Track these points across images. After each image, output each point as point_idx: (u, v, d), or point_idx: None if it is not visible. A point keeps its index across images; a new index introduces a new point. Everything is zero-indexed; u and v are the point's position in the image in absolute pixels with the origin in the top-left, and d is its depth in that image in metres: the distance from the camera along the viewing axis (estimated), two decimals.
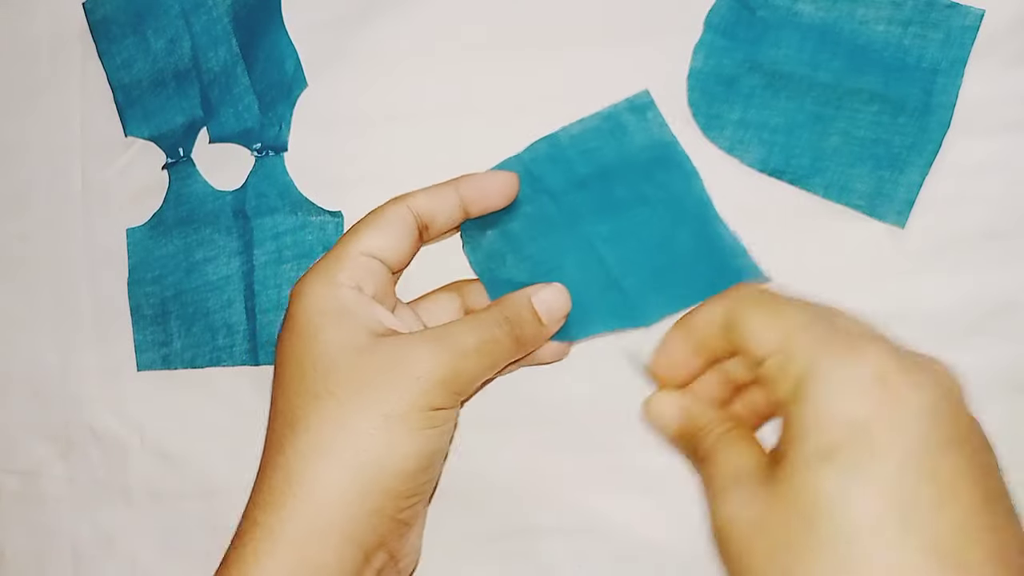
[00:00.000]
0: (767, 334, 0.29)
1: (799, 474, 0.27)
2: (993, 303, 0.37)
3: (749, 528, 0.28)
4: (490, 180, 0.37)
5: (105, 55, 0.45)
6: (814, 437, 0.27)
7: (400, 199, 0.35)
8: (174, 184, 0.44)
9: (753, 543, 0.27)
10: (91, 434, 0.44)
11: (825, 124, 0.38)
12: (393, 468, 0.31)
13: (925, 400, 0.26)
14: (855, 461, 0.26)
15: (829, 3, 0.38)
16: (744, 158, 0.39)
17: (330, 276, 0.33)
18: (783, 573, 0.26)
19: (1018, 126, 0.37)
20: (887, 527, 0.25)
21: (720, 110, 0.39)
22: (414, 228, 0.35)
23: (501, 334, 0.33)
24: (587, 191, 0.38)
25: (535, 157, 0.39)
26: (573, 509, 0.39)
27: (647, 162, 0.38)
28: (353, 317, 0.33)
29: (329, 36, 0.42)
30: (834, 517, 0.26)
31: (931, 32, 0.38)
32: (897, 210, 0.37)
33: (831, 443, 0.26)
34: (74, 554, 0.44)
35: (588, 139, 0.39)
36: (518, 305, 0.34)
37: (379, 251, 0.34)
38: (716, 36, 0.39)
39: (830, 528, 0.26)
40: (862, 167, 0.38)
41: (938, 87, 0.37)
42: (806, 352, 0.28)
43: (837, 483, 0.26)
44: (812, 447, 0.27)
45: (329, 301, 0.33)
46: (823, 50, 0.38)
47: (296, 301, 0.34)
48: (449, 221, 0.36)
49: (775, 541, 0.27)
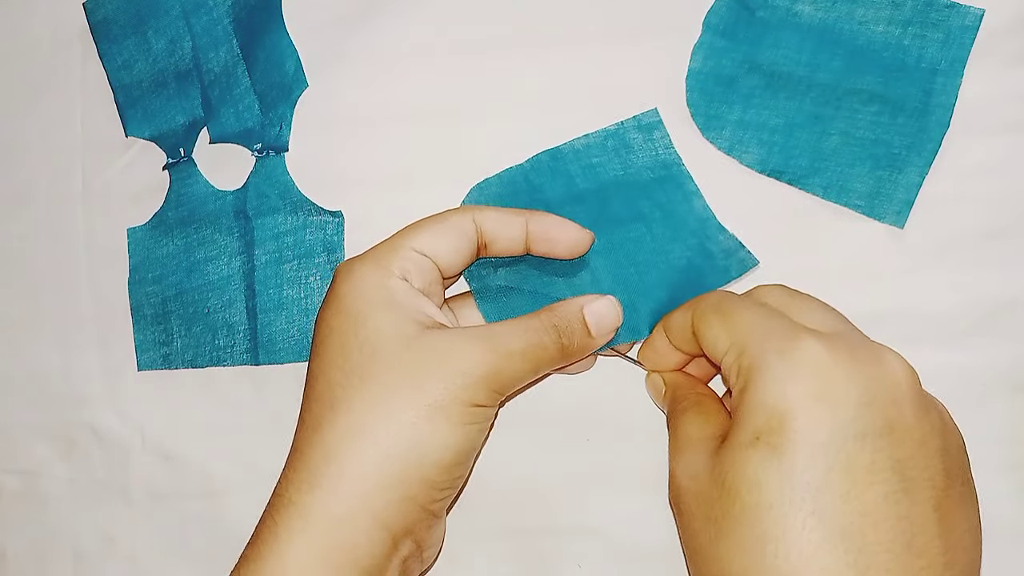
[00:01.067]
0: (721, 335, 0.32)
1: (730, 455, 0.29)
2: (993, 303, 0.37)
3: (692, 496, 0.31)
4: (561, 228, 0.36)
5: (106, 55, 0.45)
6: (746, 424, 0.29)
7: (469, 210, 0.35)
8: (175, 184, 0.44)
9: (694, 509, 0.30)
10: (92, 434, 0.44)
11: (824, 124, 0.38)
12: (431, 458, 0.31)
13: (853, 392, 0.28)
14: (773, 447, 0.28)
15: (828, 4, 0.38)
16: (743, 158, 0.39)
17: (382, 264, 0.33)
18: (712, 541, 0.29)
19: (1018, 126, 0.37)
20: (793, 510, 0.27)
21: (719, 111, 0.39)
22: (474, 241, 0.35)
23: (548, 341, 0.33)
24: (583, 205, 0.38)
25: (537, 167, 0.39)
26: (573, 509, 0.39)
27: (648, 181, 0.38)
28: (402, 306, 0.33)
29: (329, 36, 0.43)
30: (751, 497, 0.28)
31: (930, 32, 0.38)
32: (896, 210, 0.37)
33: (757, 430, 0.29)
34: (75, 554, 0.44)
35: (592, 154, 0.39)
36: (569, 314, 0.34)
37: (433, 252, 0.34)
38: (715, 37, 0.39)
39: (746, 506, 0.28)
40: (861, 167, 0.38)
41: (937, 87, 0.37)
42: (752, 348, 0.30)
43: (755, 467, 0.28)
44: (743, 432, 0.29)
45: (379, 288, 0.33)
46: (822, 50, 0.38)
47: (344, 282, 0.34)
48: (509, 247, 0.36)
49: (709, 512, 0.30)
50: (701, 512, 0.30)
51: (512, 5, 0.41)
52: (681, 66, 0.39)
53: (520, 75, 0.41)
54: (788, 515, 0.27)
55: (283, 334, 0.42)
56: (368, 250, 0.35)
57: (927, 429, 0.29)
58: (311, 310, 0.41)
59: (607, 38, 0.40)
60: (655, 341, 0.36)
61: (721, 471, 0.29)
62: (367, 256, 0.34)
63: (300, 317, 0.42)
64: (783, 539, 0.27)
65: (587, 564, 0.39)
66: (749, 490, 0.28)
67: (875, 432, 0.28)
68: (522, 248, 0.36)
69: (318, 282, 0.42)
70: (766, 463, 0.28)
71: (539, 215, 0.36)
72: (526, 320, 0.34)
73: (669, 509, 0.38)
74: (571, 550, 0.39)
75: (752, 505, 0.28)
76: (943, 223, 0.37)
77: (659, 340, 0.36)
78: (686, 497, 0.31)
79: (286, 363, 0.42)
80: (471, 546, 0.39)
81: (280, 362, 0.42)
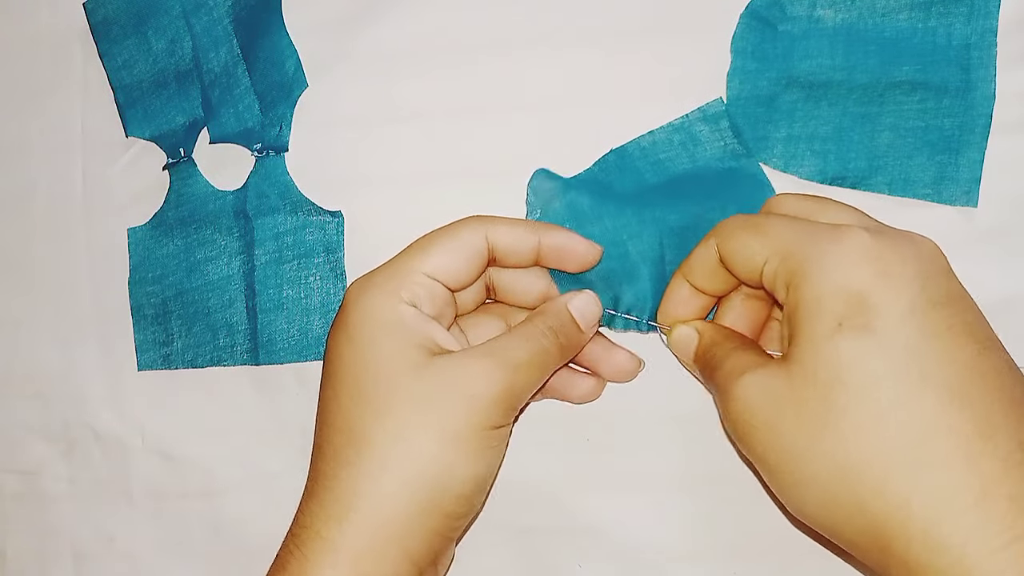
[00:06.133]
0: (756, 247, 0.32)
1: (813, 348, 0.29)
2: (994, 303, 0.37)
3: (771, 409, 0.30)
4: (573, 242, 0.36)
5: (106, 56, 0.45)
6: (819, 315, 0.29)
7: (480, 224, 0.35)
8: (175, 184, 0.44)
9: (776, 421, 0.29)
10: (92, 434, 0.44)
11: (873, 123, 0.38)
12: (453, 491, 0.32)
13: (910, 268, 0.29)
14: (862, 326, 0.28)
15: (848, 2, 0.38)
16: (800, 172, 0.38)
17: (391, 289, 0.33)
18: (814, 440, 0.28)
19: (1018, 126, 0.37)
20: (903, 379, 0.27)
21: (765, 131, 0.38)
22: (484, 256, 0.35)
23: (548, 343, 0.34)
24: (656, 196, 0.38)
25: (604, 168, 0.39)
26: (573, 509, 0.39)
27: (720, 172, 0.38)
28: (412, 334, 0.33)
29: (329, 36, 0.43)
30: (855, 378, 0.28)
31: (953, 8, 0.37)
32: (965, 190, 0.37)
33: (837, 316, 0.28)
34: (75, 554, 0.44)
35: (659, 151, 0.39)
36: (559, 314, 0.35)
37: (444, 275, 0.34)
38: (745, 60, 0.39)
39: (853, 388, 0.28)
40: (920, 157, 0.37)
41: (974, 61, 0.37)
42: (795, 249, 0.30)
43: (851, 348, 0.28)
44: (820, 324, 0.29)
45: (388, 314, 0.33)
46: (854, 51, 0.38)
47: (353, 308, 0.34)
48: (520, 262, 0.36)
49: (800, 414, 0.29)
50: (790, 418, 0.29)
51: (512, 5, 0.41)
52: (682, 66, 0.39)
53: (521, 75, 0.41)
54: (900, 383, 0.27)
55: (283, 334, 0.42)
56: (378, 269, 0.35)
57: (969, 298, 0.30)
58: (311, 310, 0.41)
59: (608, 38, 0.40)
60: (675, 291, 0.36)
61: (807, 370, 0.29)
62: (377, 279, 0.34)
63: (300, 317, 0.42)
64: (902, 408, 0.27)
65: (587, 564, 0.39)
66: (851, 374, 0.28)
67: (942, 301, 0.29)
68: (533, 263, 0.36)
69: (318, 282, 0.42)
70: (861, 343, 0.28)
71: (552, 231, 0.36)
72: (523, 329, 0.34)
73: (669, 509, 0.38)
74: (571, 550, 0.39)
75: (860, 386, 0.28)
76: (944, 223, 0.37)
77: (679, 289, 0.36)
78: (761, 413, 0.30)
79: (286, 363, 0.42)
80: (471, 546, 0.39)
81: (280, 362, 0.42)
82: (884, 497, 0.27)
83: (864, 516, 0.28)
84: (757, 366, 0.31)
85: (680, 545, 0.38)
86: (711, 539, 0.38)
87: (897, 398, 0.27)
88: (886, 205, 0.37)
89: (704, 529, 0.38)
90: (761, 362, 0.31)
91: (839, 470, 0.28)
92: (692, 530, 0.38)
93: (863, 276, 0.29)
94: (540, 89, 0.40)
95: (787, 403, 0.29)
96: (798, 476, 0.29)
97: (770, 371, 0.30)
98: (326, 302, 0.41)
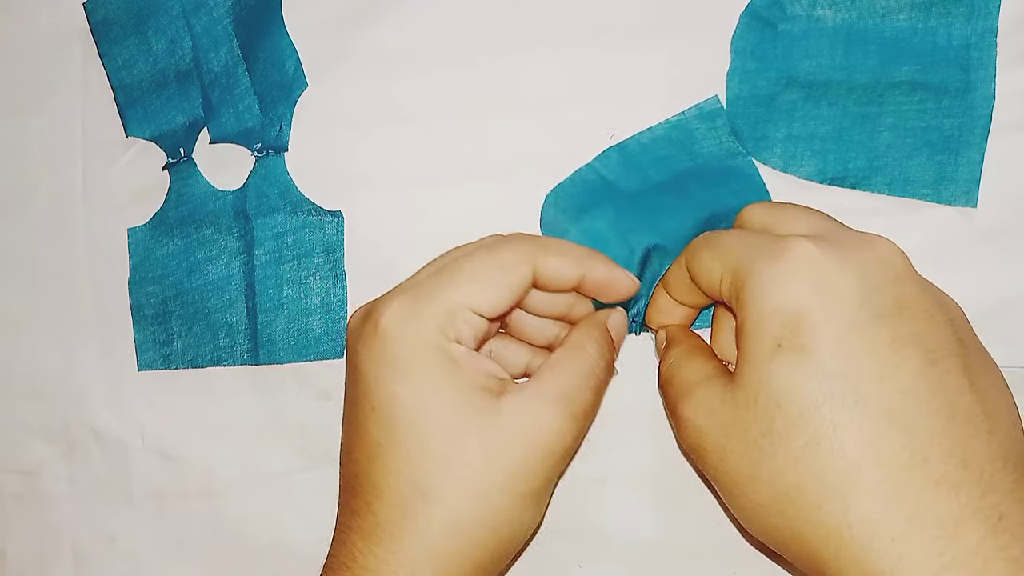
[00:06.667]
0: (712, 264, 0.31)
1: (753, 374, 0.28)
2: (993, 302, 0.37)
3: (717, 431, 0.30)
4: (616, 276, 0.34)
5: (106, 56, 0.45)
6: (759, 335, 0.28)
7: (530, 253, 0.33)
8: (175, 184, 0.44)
9: (723, 443, 0.29)
10: (92, 434, 0.44)
11: (873, 123, 0.38)
12: (520, 541, 0.32)
13: (850, 280, 0.28)
14: (799, 348, 0.28)
15: (848, 2, 0.38)
16: (800, 172, 0.38)
17: (439, 326, 0.32)
18: (756, 464, 0.28)
19: (1018, 126, 0.37)
20: (838, 404, 0.27)
21: (765, 131, 0.38)
22: (529, 288, 0.34)
23: (599, 370, 0.33)
24: (664, 194, 0.38)
25: (607, 164, 0.39)
26: (573, 509, 0.39)
27: (719, 171, 0.38)
28: (470, 375, 0.31)
29: (329, 36, 0.42)
30: (792, 404, 0.27)
31: (954, 8, 0.37)
32: (964, 190, 0.37)
33: (775, 338, 0.28)
34: (75, 554, 0.44)
35: (659, 147, 0.39)
36: (602, 336, 0.34)
37: (489, 310, 0.32)
38: (745, 60, 0.39)
39: (788, 416, 0.28)
40: (919, 157, 0.37)
41: (974, 61, 0.37)
42: (741, 266, 0.30)
43: (788, 373, 0.28)
44: (760, 345, 0.28)
45: (440, 355, 0.31)
46: (853, 51, 0.38)
47: (397, 341, 0.31)
48: (558, 289, 0.35)
49: (744, 438, 0.29)
50: (734, 443, 0.29)
51: (512, 5, 0.41)
52: (682, 66, 0.39)
53: (520, 75, 0.41)
54: (833, 411, 0.27)
55: (283, 334, 0.42)
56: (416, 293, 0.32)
57: (930, 304, 0.29)
58: (311, 310, 0.41)
59: (608, 38, 0.40)
60: (657, 299, 0.36)
61: (748, 392, 0.29)
62: (422, 310, 0.32)
63: (300, 317, 0.42)
64: (835, 436, 0.27)
65: (587, 564, 0.39)
66: (788, 399, 0.27)
67: (886, 312, 0.28)
68: (573, 288, 0.35)
69: (317, 282, 0.42)
70: (796, 367, 0.28)
71: (598, 265, 0.34)
72: (578, 365, 0.33)
73: (669, 509, 0.38)
74: (571, 550, 0.39)
75: (794, 413, 0.27)
76: (943, 223, 0.37)
77: (660, 298, 0.36)
78: (709, 436, 0.30)
79: (286, 363, 0.42)
80: None
81: (280, 362, 0.42)
82: (817, 526, 0.27)
83: (801, 544, 0.28)
84: (702, 381, 0.31)
85: (680, 545, 0.38)
86: (711, 539, 0.38)
87: (832, 425, 0.27)
88: (886, 205, 0.38)
89: (704, 529, 0.38)
90: (704, 375, 0.31)
91: (778, 497, 0.28)
92: (692, 530, 0.38)
93: (800, 293, 0.28)
94: (540, 89, 0.40)
95: (732, 427, 0.29)
96: (744, 501, 0.29)
97: (714, 392, 0.30)
98: (326, 302, 0.41)
